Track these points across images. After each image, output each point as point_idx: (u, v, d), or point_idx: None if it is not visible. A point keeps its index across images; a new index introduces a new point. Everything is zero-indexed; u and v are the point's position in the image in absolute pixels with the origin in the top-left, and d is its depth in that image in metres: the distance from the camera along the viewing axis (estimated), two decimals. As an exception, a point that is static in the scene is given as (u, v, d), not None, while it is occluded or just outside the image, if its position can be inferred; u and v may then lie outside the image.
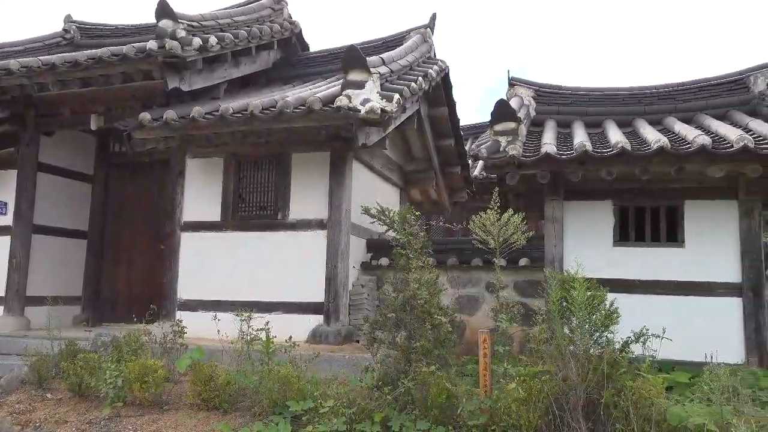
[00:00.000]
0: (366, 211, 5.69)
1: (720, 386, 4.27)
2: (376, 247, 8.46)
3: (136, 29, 10.40)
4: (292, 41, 10.28)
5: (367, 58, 6.92)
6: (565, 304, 4.57)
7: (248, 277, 7.62)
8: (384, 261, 8.18)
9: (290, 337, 5.54)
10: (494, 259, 5.56)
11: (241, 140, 7.11)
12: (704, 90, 8.39)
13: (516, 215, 5.45)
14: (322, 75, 9.32)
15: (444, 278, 7.82)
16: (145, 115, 7.17)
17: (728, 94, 8.14)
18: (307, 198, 7.66)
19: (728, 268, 6.74)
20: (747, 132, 6.54)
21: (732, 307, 6.65)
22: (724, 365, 4.71)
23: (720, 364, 4.84)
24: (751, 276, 6.60)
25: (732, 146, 6.07)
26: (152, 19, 7.51)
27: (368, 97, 6.49)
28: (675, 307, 6.75)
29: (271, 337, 5.39)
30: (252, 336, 5.45)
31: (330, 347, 6.83)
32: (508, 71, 8.86)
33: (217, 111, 6.88)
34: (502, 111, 6.93)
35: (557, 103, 8.63)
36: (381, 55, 7.70)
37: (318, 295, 7.32)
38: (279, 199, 7.79)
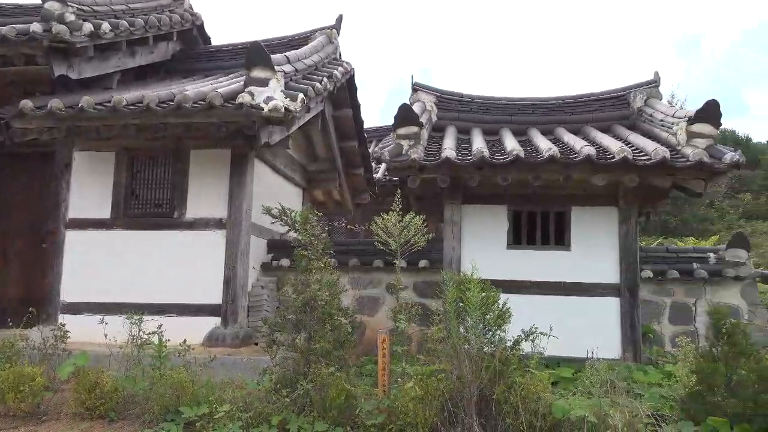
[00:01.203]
0: (267, 211, 5.59)
1: (599, 380, 4.59)
2: (278, 247, 8.34)
3: (21, 9, 9.60)
4: (192, 33, 9.91)
5: (272, 56, 6.80)
6: (461, 304, 4.72)
7: (140, 278, 7.26)
8: (285, 262, 8.07)
9: (185, 341, 5.34)
10: (395, 260, 5.65)
11: (135, 134, 6.75)
12: (591, 104, 8.96)
13: (417, 217, 5.58)
14: (223, 70, 9.06)
15: (345, 279, 7.85)
16: (27, 103, 6.63)
17: (612, 109, 8.76)
18: (205, 196, 7.41)
19: (609, 270, 7.25)
20: (627, 144, 7.08)
21: (611, 307, 7.17)
22: (603, 360, 5.07)
23: (600, 359, 5.20)
24: (628, 277, 7.15)
25: (614, 157, 6.54)
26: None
27: (272, 96, 6.39)
28: (562, 307, 7.17)
29: (164, 340, 5.17)
30: (143, 340, 5.20)
31: (227, 350, 6.65)
32: (412, 76, 9.02)
33: (110, 102, 6.50)
34: (405, 115, 7.06)
35: (458, 110, 8.91)
36: (286, 54, 7.60)
37: (216, 297, 7.11)
38: (175, 196, 7.48)
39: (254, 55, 6.59)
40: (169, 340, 5.25)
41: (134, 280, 7.26)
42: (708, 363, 4.80)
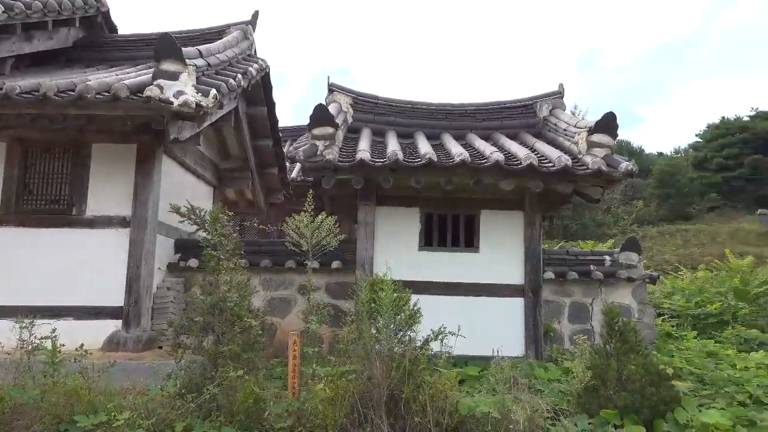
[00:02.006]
0: (175, 209, 5.39)
1: (503, 377, 4.77)
2: (186, 247, 8.05)
3: None
4: (97, 20, 9.39)
5: (183, 49, 6.57)
6: (373, 305, 4.76)
7: (34, 279, 6.78)
8: (193, 262, 7.82)
9: (82, 345, 5.04)
10: (307, 261, 5.61)
11: (30, 124, 6.30)
12: (500, 111, 9.31)
13: (329, 218, 5.57)
14: (131, 61, 8.64)
15: (256, 280, 7.71)
16: None
17: (520, 117, 9.14)
18: (108, 193, 7.04)
19: (514, 272, 7.57)
20: (533, 152, 7.41)
21: (516, 307, 7.48)
22: (508, 358, 5.27)
23: (504, 357, 5.40)
24: (532, 278, 7.48)
25: (521, 163, 6.83)
26: None
27: (182, 90, 6.17)
28: (470, 307, 7.40)
29: (59, 345, 4.85)
30: (35, 345, 4.86)
31: (129, 354, 6.34)
32: (328, 77, 9.02)
33: (1, 89, 6.03)
34: (321, 116, 7.04)
35: (373, 112, 8.99)
36: (198, 47, 7.36)
37: (117, 299, 6.76)
38: (75, 192, 7.05)
39: (164, 47, 6.33)
40: (64, 345, 4.93)
41: (27, 280, 6.77)
42: (602, 359, 5.11)
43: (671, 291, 12.54)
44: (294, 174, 12.87)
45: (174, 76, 6.22)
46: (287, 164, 11.47)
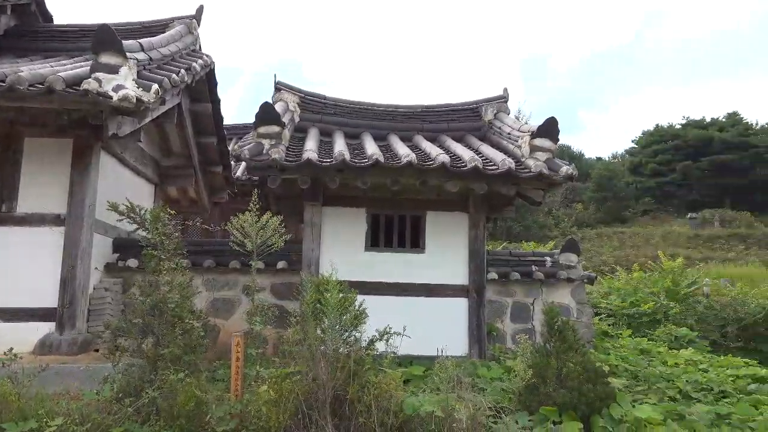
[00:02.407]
0: (113, 207, 5.21)
1: (447, 377, 4.83)
2: (125, 247, 7.79)
3: None
4: (31, 9, 8.96)
5: (124, 42, 6.35)
6: (319, 306, 4.74)
7: (-42, 279, 6.41)
8: (132, 262, 7.57)
9: (11, 349, 4.80)
10: (252, 261, 5.53)
11: (-45, 116, 5.96)
12: (447, 114, 9.43)
13: (275, 218, 5.50)
14: (68, 52, 8.29)
15: (199, 281, 7.55)
16: None
17: (466, 120, 9.28)
18: (42, 189, 6.73)
19: (459, 272, 7.67)
20: (478, 154, 7.54)
21: (460, 307, 7.58)
22: (452, 358, 5.34)
23: (449, 357, 5.47)
24: (476, 279, 7.61)
25: (466, 166, 6.94)
26: None
27: (122, 84, 5.96)
28: (416, 307, 7.46)
29: (-16, 349, 4.61)
30: (-42, 349, 4.60)
31: (63, 358, 6.09)
32: (275, 75, 8.88)
33: None
34: (267, 114, 6.94)
35: (321, 112, 8.94)
36: (140, 40, 7.14)
37: (51, 300, 6.48)
38: (4, 188, 6.71)
39: (103, 39, 6.10)
40: (-9, 349, 4.70)
41: (-51, 281, 6.40)
42: (542, 358, 5.25)
43: (608, 291, 13.01)
44: (239, 173, 12.67)
45: (113, 70, 6.01)
46: (232, 163, 11.28)
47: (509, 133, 8.17)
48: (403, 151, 7.31)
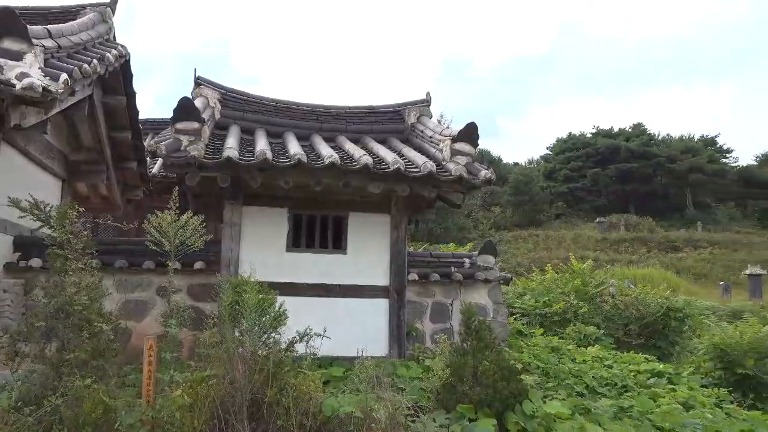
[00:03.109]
0: (15, 203, 4.88)
1: (367, 377, 4.86)
2: (27, 245, 7.31)
3: None
4: None
5: (29, 27, 5.95)
6: (237, 307, 4.64)
7: None
8: (36, 262, 7.12)
9: None
10: (168, 261, 5.34)
11: None
12: (371, 116, 9.48)
13: (195, 217, 5.34)
14: (-36, 35, 7.67)
15: (110, 282, 7.21)
16: None
17: (389, 122, 9.37)
18: (-69, 182, 6.21)
19: (380, 273, 7.73)
20: (401, 157, 7.63)
21: (381, 307, 7.65)
22: (371, 358, 5.38)
23: (369, 357, 5.51)
24: (397, 279, 7.70)
25: (389, 167, 7.00)
26: None
27: (27, 72, 5.57)
28: (337, 308, 7.45)
29: None
30: None
31: (-46, 365, 5.62)
32: (195, 70, 8.61)
33: None
34: (186, 109, 6.73)
35: (243, 110, 8.75)
36: (48, 27, 6.71)
37: (-60, 302, 5.98)
38: None
39: (5, 23, 5.68)
40: None
41: None
42: (459, 357, 5.39)
43: (522, 292, 13.52)
44: (155, 169, 12.17)
45: (17, 56, 5.61)
46: (148, 159, 10.82)
47: (431, 137, 8.32)
48: (326, 151, 7.29)
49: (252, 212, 7.46)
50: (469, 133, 7.48)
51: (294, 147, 7.38)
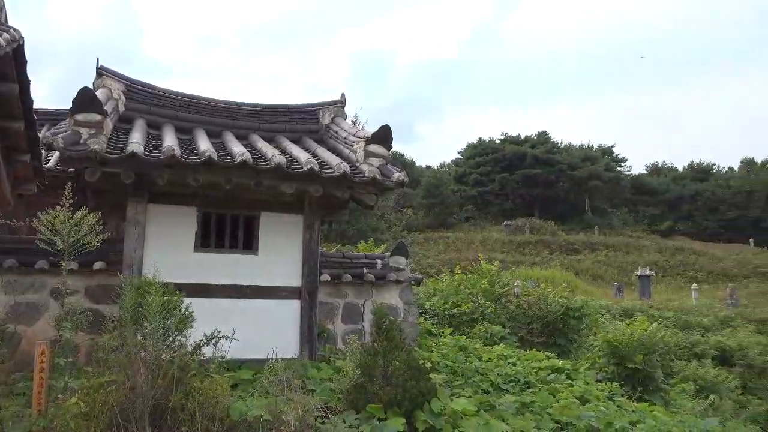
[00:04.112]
0: None
1: (277, 379, 4.80)
2: None
3: None
4: None
5: None
6: (140, 309, 4.44)
7: None
8: None
9: None
10: (62, 261, 5.02)
11: None
12: (285, 115, 9.35)
13: (92, 214, 5.06)
14: None
15: (-3, 283, 6.69)
16: None
17: (303, 122, 9.28)
18: None
19: (292, 274, 7.64)
20: (314, 157, 7.58)
21: (292, 308, 7.56)
22: (282, 360, 5.31)
23: (279, 359, 5.44)
24: (309, 281, 7.64)
25: (302, 167, 6.94)
26: None
27: None
28: (248, 310, 7.29)
29: None
30: None
31: None
32: (98, 59, 8.14)
33: None
34: (86, 100, 6.35)
35: (149, 103, 8.36)
36: (-73, 4, 6.13)
37: None
38: None
39: None
40: None
41: None
42: (370, 357, 5.43)
43: (433, 292, 13.83)
44: (51, 163, 11.40)
45: None
46: (42, 151, 10.11)
47: (345, 138, 8.33)
48: (238, 149, 7.11)
49: (158, 210, 7.15)
50: (383, 136, 7.56)
51: (204, 144, 7.14)
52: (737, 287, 27.00)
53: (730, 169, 64.75)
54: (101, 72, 8.08)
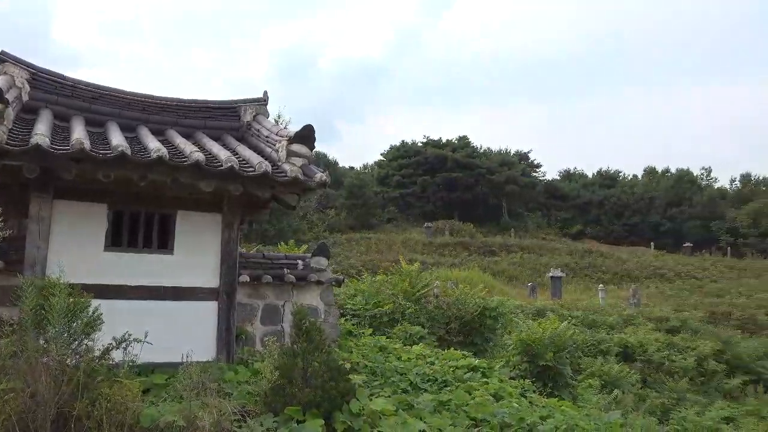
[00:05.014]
0: None
1: (191, 383, 4.65)
2: None
3: None
4: None
5: None
6: (42, 312, 4.19)
7: None
8: None
9: None
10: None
11: None
12: (205, 111, 9.08)
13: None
14: None
15: None
16: None
17: (224, 119, 9.04)
18: None
19: (209, 275, 7.43)
20: (235, 155, 7.41)
21: (209, 310, 7.35)
22: (198, 363, 5.17)
23: (195, 362, 5.28)
24: (227, 281, 7.46)
25: (222, 165, 6.76)
26: None
27: None
28: (162, 311, 7.02)
29: None
30: None
31: None
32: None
33: None
34: (-15, 88, 5.91)
35: (57, 93, 7.88)
36: None
37: None
38: None
39: None
40: None
41: None
42: (289, 359, 5.37)
43: (354, 293, 13.86)
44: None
45: None
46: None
47: (267, 137, 8.19)
48: (153, 145, 6.84)
49: (65, 207, 6.76)
50: (306, 135, 7.49)
51: (117, 138, 6.82)
52: (639, 288, 28.77)
53: (635, 176, 69.00)
54: (3, 58, 7.56)
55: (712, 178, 65.46)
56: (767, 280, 36.41)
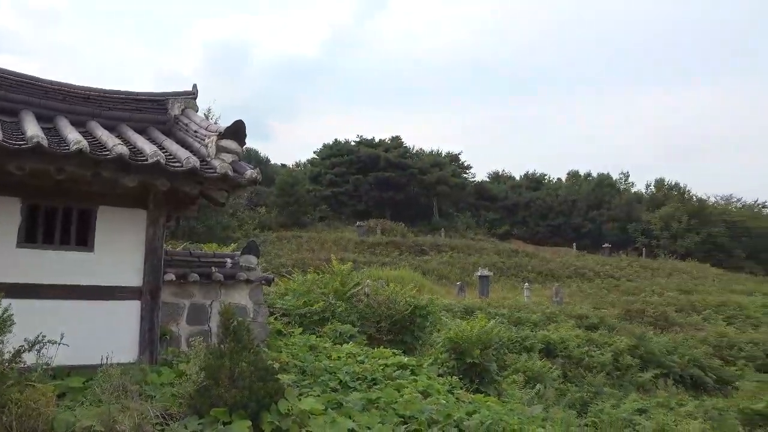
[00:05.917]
0: None
1: (111, 386, 4.47)
2: None
3: None
4: None
5: None
6: (-55, 312, 3.91)
7: None
8: None
9: None
10: None
11: None
12: (129, 103, 8.71)
13: None
14: None
15: None
16: None
17: (150, 112, 8.71)
18: None
19: (133, 273, 7.16)
20: (161, 149, 7.16)
21: (131, 310, 7.08)
22: (118, 365, 4.97)
23: (116, 364, 5.07)
24: (151, 280, 7.20)
25: (147, 160, 6.52)
26: None
27: None
28: (80, 312, 6.71)
29: None
30: None
31: None
32: None
33: None
34: None
35: (-36, 78, 7.38)
36: None
37: None
38: None
39: None
40: None
41: None
42: (216, 359, 5.26)
43: (284, 292, 13.69)
44: None
45: None
46: None
47: (196, 131, 7.96)
48: (73, 136, 6.51)
49: (-28, 200, 6.34)
50: (237, 131, 7.34)
51: (32, 128, 6.45)
52: (561, 286, 29.98)
53: (559, 179, 71.71)
54: None
55: (629, 183, 69.06)
56: (676, 279, 38.85)
